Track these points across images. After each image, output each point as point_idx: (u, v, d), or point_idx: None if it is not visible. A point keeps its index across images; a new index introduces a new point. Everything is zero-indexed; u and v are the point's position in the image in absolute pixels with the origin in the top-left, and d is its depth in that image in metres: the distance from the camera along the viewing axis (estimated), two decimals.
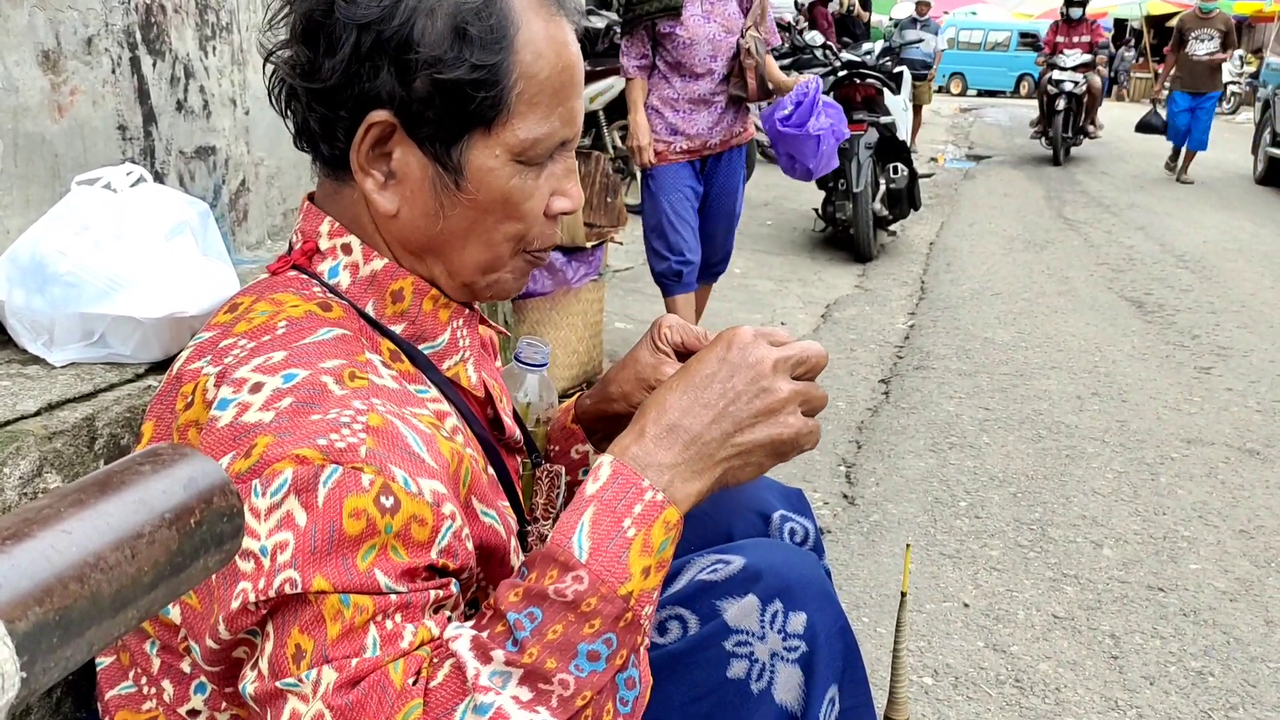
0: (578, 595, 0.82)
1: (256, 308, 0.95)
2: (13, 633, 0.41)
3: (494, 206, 0.97)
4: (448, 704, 0.80)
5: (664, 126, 3.84)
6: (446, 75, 0.90)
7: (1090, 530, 2.99)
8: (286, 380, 0.86)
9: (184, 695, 0.92)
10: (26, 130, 1.50)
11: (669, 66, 3.82)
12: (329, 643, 0.79)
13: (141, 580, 0.48)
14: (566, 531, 0.85)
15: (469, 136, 0.94)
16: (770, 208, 8.42)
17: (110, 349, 1.37)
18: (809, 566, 1.07)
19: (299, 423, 0.83)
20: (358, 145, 0.94)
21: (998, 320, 5.35)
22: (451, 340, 1.04)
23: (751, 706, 0.98)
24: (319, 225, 1.01)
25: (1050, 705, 2.16)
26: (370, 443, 0.83)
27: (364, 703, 0.78)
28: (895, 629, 1.37)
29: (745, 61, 3.84)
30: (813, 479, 3.26)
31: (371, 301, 0.99)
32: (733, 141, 3.96)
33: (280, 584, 0.79)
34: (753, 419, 0.90)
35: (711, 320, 5.02)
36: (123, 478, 0.50)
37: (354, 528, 0.80)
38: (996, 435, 3.71)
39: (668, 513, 0.87)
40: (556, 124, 0.97)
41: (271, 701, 0.80)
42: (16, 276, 1.36)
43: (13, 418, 1.19)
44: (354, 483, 0.81)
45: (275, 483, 0.81)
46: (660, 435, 0.89)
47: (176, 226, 1.43)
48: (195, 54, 1.93)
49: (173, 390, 0.94)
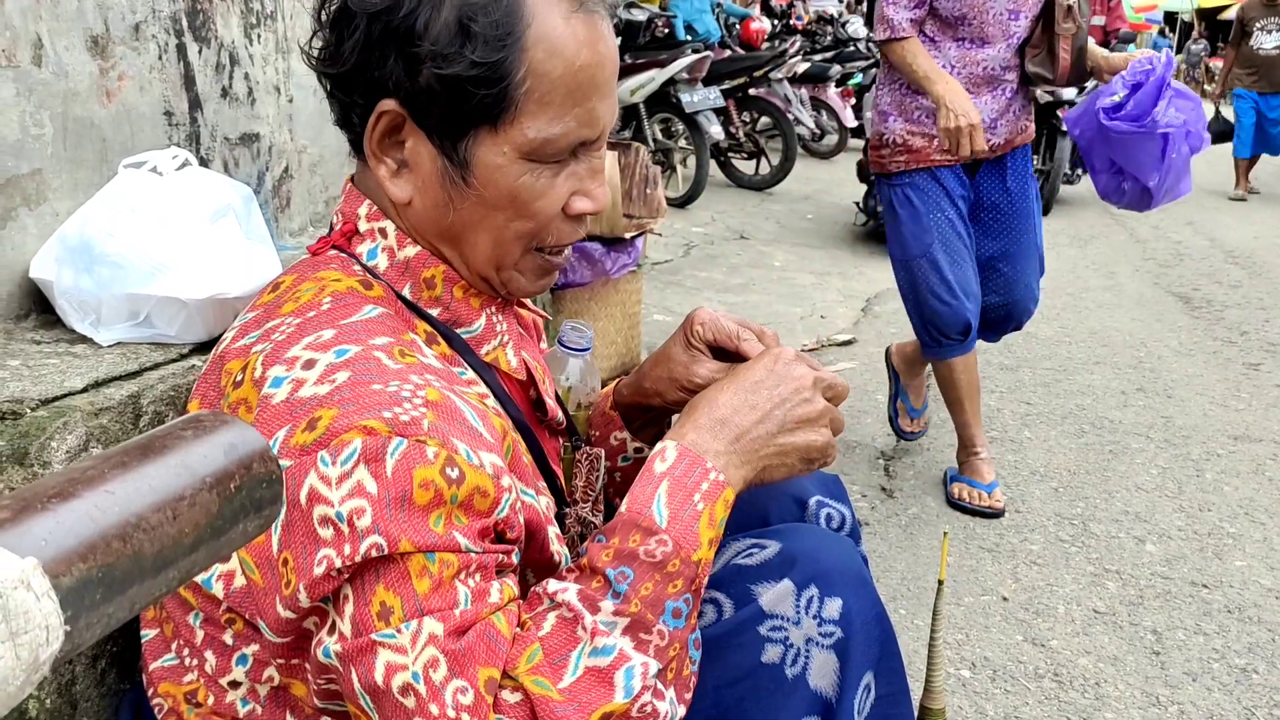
0: (665, 556, 0.90)
1: (301, 287, 0.97)
2: (57, 587, 0.42)
3: (502, 204, 0.96)
4: (563, 649, 0.86)
5: (923, 113, 2.76)
6: (446, 70, 0.90)
7: (1133, 526, 2.95)
8: (339, 355, 0.88)
9: (226, 666, 0.94)
10: (75, 114, 1.53)
11: (942, 27, 2.70)
12: (421, 597, 0.82)
13: (182, 542, 0.49)
14: (645, 501, 0.92)
15: (475, 132, 0.93)
16: (811, 201, 8.37)
17: (155, 329, 1.40)
18: (845, 552, 1.07)
19: (360, 394, 0.84)
20: (369, 132, 0.95)
21: (1041, 315, 5.27)
22: (488, 326, 1.05)
23: (786, 691, 0.98)
24: (358, 208, 1.02)
25: (1090, 700, 2.14)
26: (431, 416, 0.85)
27: (474, 650, 0.83)
28: (932, 617, 1.36)
29: (1062, 25, 2.66)
30: (851, 471, 3.24)
31: (408, 285, 1.00)
32: (1017, 140, 2.85)
33: (367, 548, 0.81)
34: (795, 424, 1.00)
35: (752, 313, 5.01)
36: (165, 442, 0.51)
37: (422, 498, 0.83)
38: (1038, 430, 3.67)
39: (726, 492, 0.95)
40: (572, 124, 0.94)
41: (360, 656, 0.83)
42: (65, 257, 1.39)
43: (61, 394, 1.21)
44: (419, 455, 0.83)
45: (345, 452, 0.82)
46: (713, 426, 0.97)
47: (221, 210, 1.45)
48: (240, 41, 1.96)
49: (217, 369, 0.96)
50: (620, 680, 0.86)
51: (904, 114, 2.81)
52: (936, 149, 2.75)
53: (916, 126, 2.79)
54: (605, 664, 0.86)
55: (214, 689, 0.95)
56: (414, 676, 0.81)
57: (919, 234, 2.83)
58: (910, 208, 2.84)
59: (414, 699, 0.81)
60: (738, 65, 8.51)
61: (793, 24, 12.39)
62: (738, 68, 8.45)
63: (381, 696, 0.82)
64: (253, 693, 0.94)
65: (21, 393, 1.19)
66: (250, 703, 0.94)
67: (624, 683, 0.86)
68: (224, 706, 0.95)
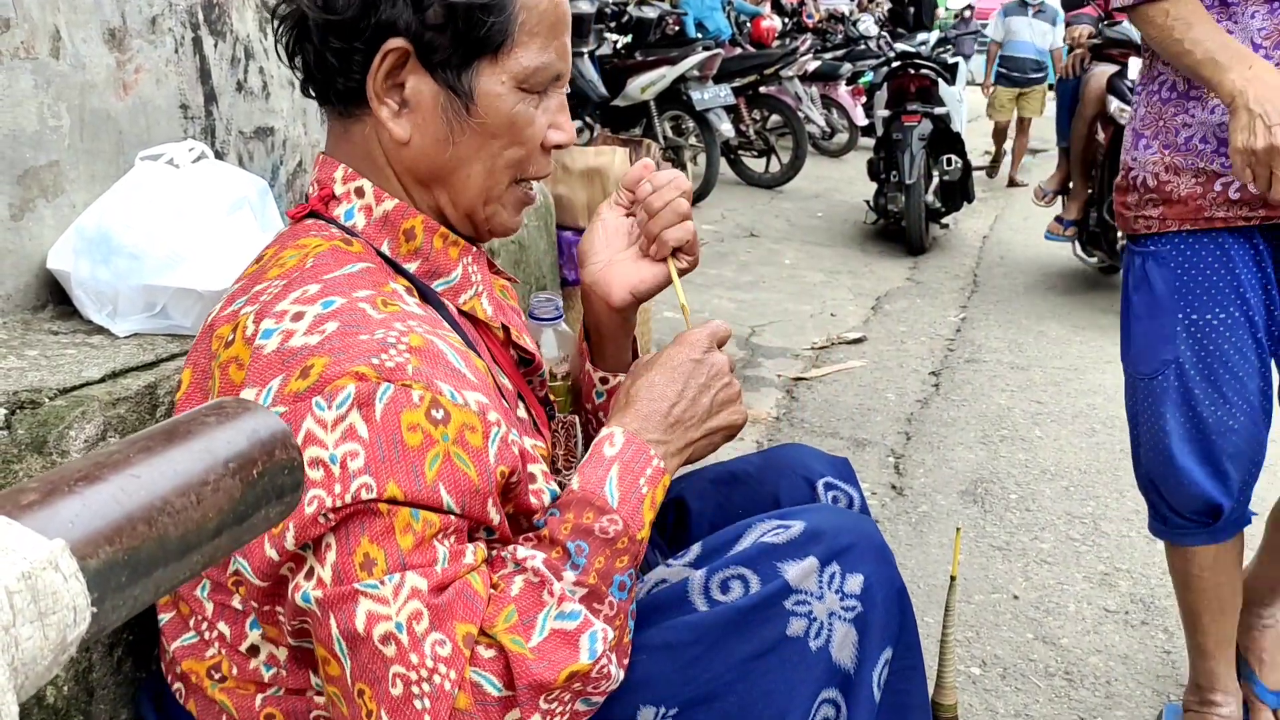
0: (616, 534, 0.96)
1: (284, 254, 1.00)
2: (84, 569, 0.42)
3: (500, 131, 1.03)
4: (531, 611, 0.91)
5: (1198, 132, 1.63)
6: (459, 0, 0.96)
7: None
8: (325, 306, 0.91)
9: (240, 633, 0.96)
10: (93, 107, 1.54)
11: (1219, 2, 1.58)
12: (405, 552, 0.86)
13: (206, 526, 0.49)
14: (598, 482, 0.98)
15: (478, 62, 1.00)
16: (821, 199, 8.37)
17: (171, 320, 1.40)
18: (867, 529, 1.12)
19: (350, 343, 0.88)
20: (374, 73, 0.99)
21: (1051, 314, 5.28)
22: (464, 276, 1.09)
23: (810, 663, 1.02)
24: (333, 172, 1.06)
25: (1100, 698, 2.14)
26: (415, 361, 0.89)
27: (453, 606, 0.87)
28: (944, 613, 1.36)
29: None
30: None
31: (386, 241, 1.05)
32: None
33: (356, 489, 0.85)
34: (719, 408, 1.09)
35: (762, 310, 5.02)
36: (189, 427, 0.52)
37: (413, 440, 0.87)
38: (1049, 429, 3.66)
39: (665, 478, 1.03)
40: (552, 55, 1.03)
41: (341, 604, 0.85)
42: (83, 248, 1.40)
43: (79, 384, 1.22)
44: (406, 399, 0.87)
45: (339, 396, 0.86)
46: (652, 416, 1.05)
47: (236, 202, 1.46)
48: (255, 35, 1.96)
49: (207, 337, 0.99)
50: (585, 643, 0.92)
51: (1163, 134, 1.67)
52: (1220, 197, 1.62)
53: (1184, 157, 1.64)
54: (571, 627, 0.92)
55: (235, 658, 0.97)
56: (397, 627, 0.85)
57: (1156, 340, 1.72)
58: (1149, 293, 1.73)
59: (394, 647, 0.85)
60: (748, 63, 8.50)
61: (804, 22, 12.39)
62: (748, 65, 8.44)
63: (360, 644, 0.85)
64: (273, 658, 0.96)
65: (40, 382, 1.20)
66: (273, 667, 0.97)
67: (588, 645, 0.92)
68: (248, 674, 0.97)
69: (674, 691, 0.99)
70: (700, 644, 1.01)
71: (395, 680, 0.85)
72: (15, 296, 1.46)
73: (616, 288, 1.21)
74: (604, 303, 1.22)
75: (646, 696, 0.99)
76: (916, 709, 1.16)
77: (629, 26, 8.30)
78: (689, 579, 1.06)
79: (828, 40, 11.27)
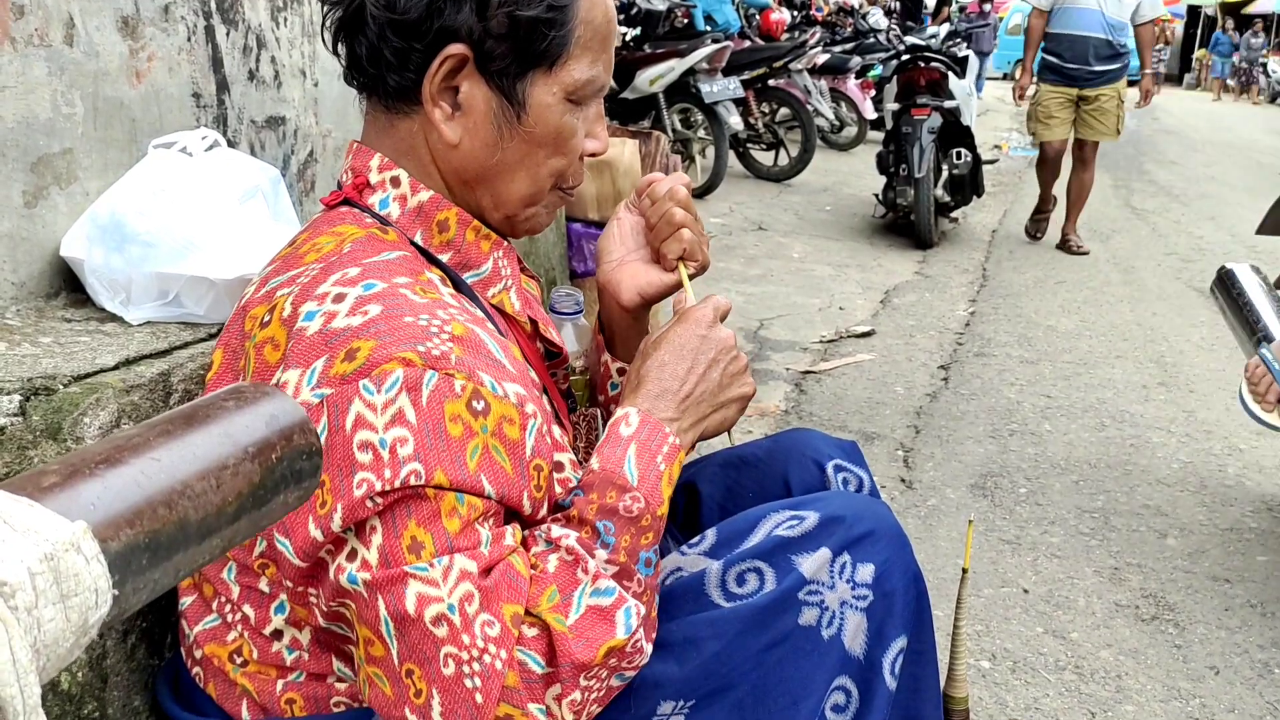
0: (640, 512, 0.98)
1: (319, 240, 1.00)
2: (106, 551, 0.42)
3: (547, 141, 1.04)
4: (569, 589, 0.93)
5: None
6: (524, 13, 0.97)
7: (1154, 520, 2.93)
8: (367, 289, 0.91)
9: (265, 617, 0.97)
10: (106, 95, 1.54)
11: None
12: (452, 536, 0.87)
13: (226, 510, 0.49)
14: (618, 461, 1.00)
15: (533, 73, 1.01)
16: (830, 193, 8.34)
17: (184, 308, 1.40)
18: (883, 513, 1.12)
19: (395, 327, 0.89)
20: (432, 76, 0.99)
21: (1061, 308, 5.26)
22: (494, 269, 1.10)
23: (823, 651, 1.03)
24: (369, 161, 1.06)
25: (1110, 692, 2.13)
26: (458, 350, 0.90)
27: (500, 587, 0.89)
28: (955, 605, 1.36)
29: None
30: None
31: (420, 231, 1.05)
32: None
33: (406, 474, 0.86)
34: (729, 381, 1.10)
35: (770, 304, 5.00)
36: (208, 412, 0.52)
37: (454, 430, 0.88)
38: (1059, 423, 3.65)
39: (681, 454, 1.05)
40: (600, 69, 1.05)
41: (391, 586, 0.86)
42: (96, 236, 1.40)
43: (93, 370, 1.22)
44: (449, 388, 0.88)
45: (388, 380, 0.87)
46: (665, 395, 1.06)
47: (249, 190, 1.46)
48: (267, 25, 1.96)
49: (240, 319, 0.99)
50: (621, 619, 0.93)
51: None
52: None
53: None
54: (607, 604, 0.93)
55: (258, 641, 0.98)
56: (449, 608, 0.86)
57: None
58: None
59: (446, 628, 0.86)
60: (757, 56, 8.48)
61: (812, 15, 12.33)
62: (757, 58, 8.41)
63: (410, 625, 0.86)
64: (295, 641, 0.97)
65: (54, 369, 1.20)
66: (295, 651, 0.97)
67: (624, 620, 0.93)
68: (270, 657, 0.98)
69: (694, 686, 1.01)
70: (719, 639, 1.02)
71: (447, 660, 0.87)
72: (29, 284, 1.46)
73: (626, 289, 1.24)
74: (615, 301, 1.25)
75: (668, 692, 1.00)
76: (929, 696, 1.17)
77: (638, 19, 8.27)
78: (706, 570, 1.07)
79: (837, 33, 11.23)
